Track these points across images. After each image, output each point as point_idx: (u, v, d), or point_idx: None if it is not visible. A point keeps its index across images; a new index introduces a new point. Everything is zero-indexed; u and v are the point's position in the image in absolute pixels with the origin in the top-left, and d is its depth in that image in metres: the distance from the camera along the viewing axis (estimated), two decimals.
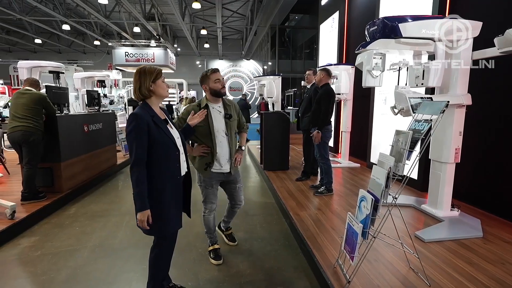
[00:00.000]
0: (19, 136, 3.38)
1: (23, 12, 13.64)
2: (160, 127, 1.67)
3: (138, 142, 1.59)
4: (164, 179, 1.69)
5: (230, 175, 2.38)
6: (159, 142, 1.65)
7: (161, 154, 1.67)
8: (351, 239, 2.03)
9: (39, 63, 5.67)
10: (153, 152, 1.64)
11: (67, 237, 2.96)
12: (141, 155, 1.60)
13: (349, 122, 5.20)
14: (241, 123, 2.51)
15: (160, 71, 1.73)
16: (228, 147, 2.31)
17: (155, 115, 1.69)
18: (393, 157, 1.90)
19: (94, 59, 21.42)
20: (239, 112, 2.46)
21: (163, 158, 1.68)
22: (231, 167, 2.36)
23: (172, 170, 1.73)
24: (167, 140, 1.70)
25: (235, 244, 2.77)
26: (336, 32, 6.27)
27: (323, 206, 3.45)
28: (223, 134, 2.29)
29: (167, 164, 1.71)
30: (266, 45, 17.02)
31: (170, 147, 1.72)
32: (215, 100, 2.29)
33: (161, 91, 1.72)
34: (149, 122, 1.62)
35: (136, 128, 1.59)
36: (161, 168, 1.68)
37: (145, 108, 1.68)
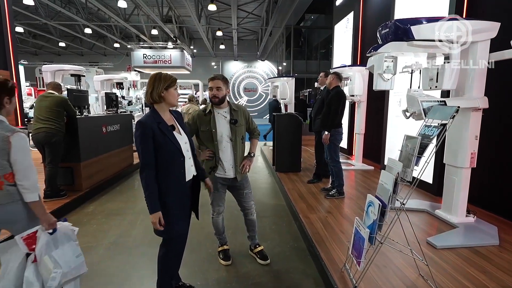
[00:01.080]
0: (42, 137, 3.57)
1: (48, 17, 14.31)
2: (165, 134, 1.72)
3: (144, 148, 1.67)
4: (168, 183, 1.75)
5: (236, 180, 2.37)
6: (164, 149, 1.71)
7: (165, 160, 1.72)
8: (358, 244, 2.03)
9: (62, 66, 5.95)
10: (157, 157, 1.70)
11: (84, 234, 3.10)
12: (148, 160, 1.67)
13: (363, 124, 5.14)
14: (252, 129, 2.46)
15: (175, 80, 1.79)
16: (232, 152, 2.30)
17: (161, 121, 1.73)
18: (401, 163, 1.87)
19: (114, 61, 22.11)
20: (248, 118, 2.41)
21: (167, 164, 1.74)
22: (237, 173, 2.34)
23: (176, 175, 1.78)
24: (172, 147, 1.74)
25: (267, 262, 2.51)
26: (351, 33, 6.20)
27: (333, 209, 3.44)
28: (227, 140, 2.28)
29: (171, 170, 1.76)
30: (281, 45, 16.99)
31: (175, 154, 1.76)
32: (217, 106, 2.28)
33: (171, 98, 1.77)
34: (154, 129, 1.68)
35: (142, 135, 1.66)
36: (165, 174, 1.73)
37: (152, 115, 1.73)
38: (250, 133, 2.50)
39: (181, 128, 1.89)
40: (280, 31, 15.36)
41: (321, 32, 15.50)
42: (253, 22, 16.53)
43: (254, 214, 2.59)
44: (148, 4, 12.30)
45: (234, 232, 3.15)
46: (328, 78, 3.95)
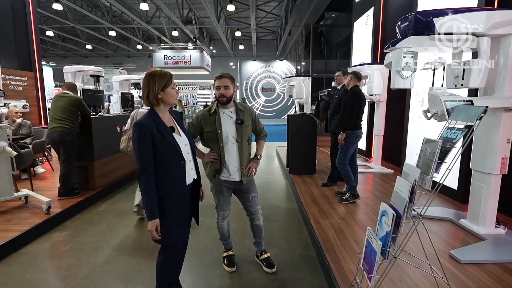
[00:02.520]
0: (57, 136, 3.64)
1: (76, 21, 14.93)
2: (164, 135, 1.63)
3: (143, 151, 1.58)
4: (167, 187, 1.65)
5: (241, 184, 2.25)
6: (162, 151, 1.61)
7: (164, 163, 1.63)
8: (370, 257, 1.86)
9: (82, 67, 6.09)
10: (156, 160, 1.61)
11: (93, 234, 3.12)
12: (147, 163, 1.58)
13: (382, 125, 4.87)
14: (258, 130, 2.36)
15: (171, 76, 1.67)
16: (238, 154, 2.19)
17: (160, 123, 1.64)
18: (419, 169, 1.68)
19: (136, 62, 22.75)
20: (254, 118, 2.30)
21: (166, 167, 1.65)
22: (242, 176, 2.23)
23: (175, 178, 1.69)
24: (171, 149, 1.65)
25: (273, 270, 2.39)
26: (370, 30, 5.92)
27: (347, 215, 3.25)
28: (233, 141, 2.17)
29: (170, 173, 1.67)
30: (300, 45, 16.72)
31: (174, 156, 1.67)
32: (222, 106, 2.18)
33: (169, 99, 1.66)
34: (152, 131, 1.59)
35: (140, 137, 1.57)
36: (164, 177, 1.64)
37: (150, 117, 1.64)
38: (256, 134, 2.39)
39: (181, 130, 1.80)
40: (299, 30, 15.12)
41: (342, 31, 15.08)
42: (272, 22, 16.40)
43: (261, 219, 2.46)
44: (169, 6, 12.50)
45: (242, 236, 3.05)
46: (347, 77, 3.77)
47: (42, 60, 11.59)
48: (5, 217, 3.20)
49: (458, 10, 2.44)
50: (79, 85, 5.45)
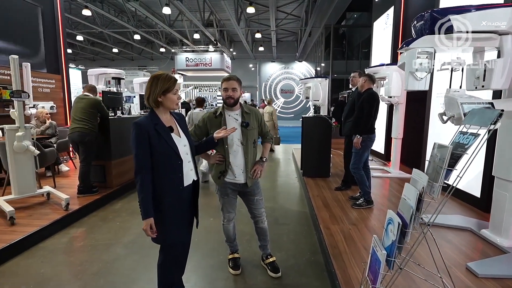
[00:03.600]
0: (76, 136, 3.81)
1: (104, 26, 15.63)
2: (161, 135, 1.64)
3: (139, 150, 1.60)
4: (163, 188, 1.66)
5: (246, 186, 2.24)
6: (158, 151, 1.62)
7: (160, 162, 1.64)
8: (375, 267, 1.78)
9: (105, 70, 6.36)
10: (152, 160, 1.62)
11: (107, 231, 3.23)
12: (143, 162, 1.60)
13: (401, 128, 4.68)
14: (264, 132, 2.35)
15: (174, 82, 1.67)
16: (243, 157, 2.18)
17: (158, 123, 1.66)
18: (427, 175, 1.59)
19: (159, 65, 23.42)
20: (260, 121, 2.30)
21: (162, 167, 1.65)
22: (247, 179, 2.22)
23: (172, 179, 1.69)
24: (168, 149, 1.65)
25: (278, 275, 2.35)
26: (390, 30, 5.71)
27: (359, 220, 3.14)
28: (238, 143, 2.17)
29: (167, 173, 1.67)
30: (320, 46, 16.49)
31: (171, 156, 1.67)
32: (228, 108, 2.19)
33: (169, 104, 1.68)
34: (149, 130, 1.61)
35: (137, 136, 1.60)
36: (159, 177, 1.64)
37: (150, 117, 1.66)
38: (262, 137, 2.38)
39: (182, 131, 1.80)
40: (319, 31, 14.91)
41: (363, 31, 14.70)
42: (292, 23, 16.31)
43: (265, 222, 2.44)
44: (191, 10, 12.77)
45: (250, 239, 3.03)
46: (360, 80, 3.66)
47: (72, 63, 12.23)
48: (27, 212, 3.39)
49: (479, 7, 2.30)
50: (99, 87, 5.70)
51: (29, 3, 5.82)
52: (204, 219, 2.70)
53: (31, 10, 5.86)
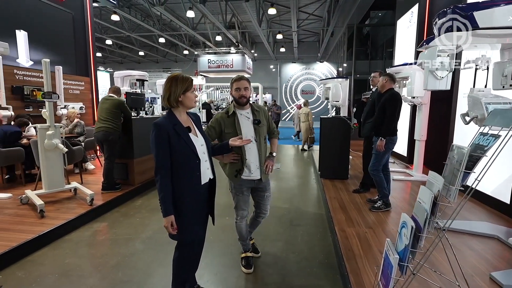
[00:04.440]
0: (101, 135, 4.00)
1: (131, 30, 16.28)
2: (180, 135, 1.69)
3: (159, 150, 1.64)
4: (182, 187, 1.70)
5: (260, 182, 2.31)
6: (178, 151, 1.67)
7: (179, 162, 1.68)
8: (387, 271, 1.73)
9: (130, 72, 6.64)
10: (172, 160, 1.67)
11: (128, 226, 3.36)
12: (163, 162, 1.65)
13: (424, 130, 4.49)
14: (271, 129, 2.43)
15: (191, 81, 1.74)
16: (257, 153, 2.25)
17: (177, 123, 1.71)
18: (442, 178, 1.53)
19: (183, 67, 24.00)
20: (268, 118, 2.38)
21: (181, 167, 1.69)
22: (262, 174, 2.28)
23: (191, 178, 1.73)
24: (187, 149, 1.70)
25: (258, 255, 2.66)
26: (415, 28, 5.50)
27: (376, 224, 3.06)
28: (252, 141, 2.22)
29: (186, 172, 1.71)
30: (343, 46, 16.16)
31: (189, 156, 1.72)
32: (240, 107, 2.25)
33: (188, 102, 1.73)
34: (169, 130, 1.65)
35: (157, 137, 1.64)
36: (179, 176, 1.69)
37: (168, 117, 1.71)
38: (270, 133, 2.45)
39: (198, 131, 1.86)
40: (342, 31, 14.63)
41: (388, 30, 14.24)
42: (314, 23, 16.13)
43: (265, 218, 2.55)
44: (213, 13, 12.99)
45: (264, 239, 3.05)
46: (380, 80, 3.55)
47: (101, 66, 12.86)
48: (56, 206, 3.60)
49: (509, 1, 2.17)
50: (124, 88, 5.95)
51: (63, 10, 6.19)
52: (219, 218, 2.75)
53: (64, 17, 6.24)
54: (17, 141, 4.41)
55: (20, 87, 5.24)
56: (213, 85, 17.26)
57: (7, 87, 4.99)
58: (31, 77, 5.49)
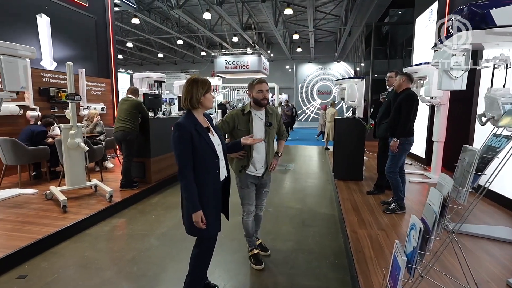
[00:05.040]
0: (120, 135, 4.16)
1: (150, 32, 16.75)
2: (201, 135, 1.75)
3: (182, 150, 1.70)
4: (203, 185, 1.76)
5: (262, 179, 2.43)
6: (199, 150, 1.73)
7: (201, 161, 1.75)
8: (395, 273, 1.72)
9: (148, 74, 6.84)
10: (193, 159, 1.73)
11: (144, 223, 3.48)
12: (187, 161, 1.70)
13: (443, 131, 4.36)
14: (281, 131, 2.54)
15: (210, 84, 1.83)
16: (265, 153, 2.37)
17: (197, 123, 1.77)
18: (452, 180, 1.50)
19: (200, 68, 24.38)
20: (279, 121, 2.50)
21: (202, 165, 1.76)
22: (265, 172, 2.40)
23: (211, 176, 1.80)
24: (208, 148, 1.77)
25: (267, 253, 2.71)
26: (434, 26, 5.34)
27: (389, 226, 3.01)
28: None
29: (206, 170, 1.78)
30: (361, 45, 15.88)
31: (210, 155, 1.78)
32: (257, 108, 2.35)
33: (208, 103, 1.81)
34: (191, 131, 1.71)
35: (180, 137, 1.70)
36: (200, 175, 1.75)
37: (189, 118, 1.78)
38: (279, 135, 2.57)
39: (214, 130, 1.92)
40: (360, 30, 14.38)
41: (408, 28, 13.86)
42: (331, 23, 15.94)
43: (263, 210, 2.65)
44: (230, 14, 13.15)
45: (275, 238, 3.08)
46: (397, 79, 3.49)
47: (122, 68, 13.32)
48: (77, 202, 3.79)
49: None
50: (143, 89, 6.14)
51: (86, 15, 6.48)
52: (231, 216, 2.80)
53: (87, 22, 6.52)
54: (43, 140, 4.66)
55: (46, 89, 5.53)
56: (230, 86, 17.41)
57: (35, 89, 5.30)
58: (57, 79, 5.78)
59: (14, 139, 4.25)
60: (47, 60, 5.58)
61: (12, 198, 3.84)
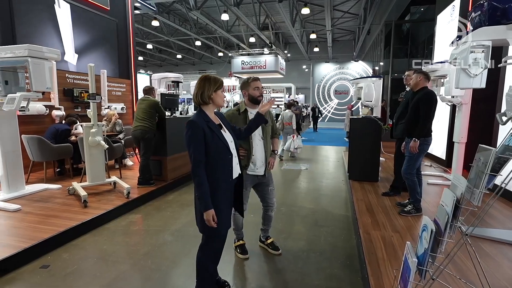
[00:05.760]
0: (138, 133, 4.30)
1: (169, 34, 17.13)
2: (214, 132, 1.75)
3: (195, 147, 1.70)
4: (216, 182, 1.76)
5: (263, 177, 2.48)
6: (213, 147, 1.73)
7: (214, 158, 1.75)
8: (405, 275, 1.68)
9: (166, 75, 7.03)
10: (207, 156, 1.72)
11: (159, 219, 3.58)
12: (200, 158, 1.70)
13: (465, 131, 4.18)
14: (274, 129, 2.60)
15: (222, 82, 1.85)
16: (263, 150, 2.43)
17: (210, 120, 1.78)
18: (465, 180, 1.46)
19: (217, 68, 24.67)
20: (272, 118, 2.58)
21: (216, 162, 1.76)
22: (265, 170, 2.45)
23: (225, 173, 1.81)
24: (221, 145, 1.77)
25: (278, 252, 2.71)
26: (456, 23, 5.14)
27: (404, 228, 2.94)
28: (259, 138, 2.41)
29: (220, 168, 1.78)
30: (380, 44, 15.50)
31: (224, 152, 1.79)
32: (252, 106, 2.40)
33: (219, 100, 1.83)
34: (204, 128, 1.71)
35: (193, 134, 1.70)
36: (214, 172, 1.75)
37: (201, 115, 1.78)
38: (272, 132, 2.60)
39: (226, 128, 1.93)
40: (379, 28, 14.05)
41: (430, 26, 13.38)
42: (349, 22, 15.69)
43: (274, 211, 2.67)
44: (247, 15, 13.23)
45: (287, 237, 3.08)
46: (414, 78, 3.38)
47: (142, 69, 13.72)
48: (97, 197, 3.95)
49: None
50: (160, 90, 6.31)
51: (108, 18, 6.73)
52: None
53: (109, 25, 6.77)
54: (66, 138, 4.90)
55: (70, 90, 5.80)
56: None
57: (60, 89, 5.56)
58: (80, 80, 6.04)
59: (40, 137, 4.49)
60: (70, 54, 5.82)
61: (38, 193, 4.06)
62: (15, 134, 3.88)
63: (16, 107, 3.49)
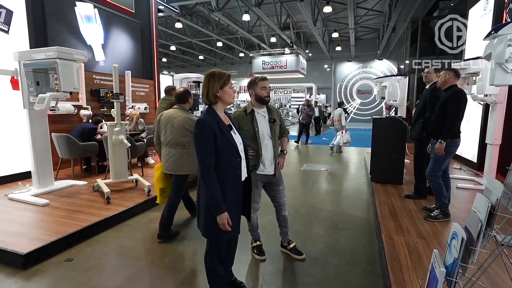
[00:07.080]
0: None
1: (192, 36, 17.46)
2: (224, 133, 1.67)
3: (205, 148, 1.62)
4: (225, 185, 1.68)
5: (274, 177, 2.45)
6: (222, 149, 1.65)
7: (223, 160, 1.67)
8: (432, 285, 1.58)
9: (187, 75, 7.15)
10: (216, 158, 1.64)
11: (177, 217, 3.57)
12: (211, 160, 1.62)
13: (499, 133, 3.91)
14: (283, 128, 2.54)
15: (229, 76, 1.74)
16: (272, 150, 2.40)
17: (220, 121, 1.69)
18: (502, 185, 1.34)
19: (238, 69, 24.81)
20: (280, 117, 2.52)
21: (225, 165, 1.68)
22: (275, 170, 2.42)
23: (233, 176, 1.73)
24: (230, 147, 1.70)
25: (302, 257, 2.61)
26: (490, 17, 4.82)
27: (429, 234, 2.78)
28: (268, 138, 2.37)
29: (229, 170, 1.70)
30: (406, 42, 14.91)
31: (233, 154, 1.71)
32: (259, 106, 2.37)
33: (227, 97, 1.72)
34: (214, 128, 1.63)
35: (203, 134, 1.62)
36: (223, 174, 1.67)
37: (210, 114, 1.69)
38: (280, 132, 2.53)
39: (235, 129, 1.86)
40: (405, 25, 13.51)
41: None
42: (373, 19, 15.24)
43: (287, 210, 2.62)
44: (268, 15, 13.20)
45: (305, 239, 3.01)
46: (442, 75, 3.17)
47: (165, 70, 14.03)
48: (120, 194, 4.06)
49: None
50: None
51: (133, 21, 6.94)
52: (261, 215, 2.81)
53: (134, 27, 6.98)
54: (92, 137, 5.09)
55: (97, 90, 6.03)
56: None
57: (87, 90, 5.80)
58: (106, 81, 6.27)
59: (68, 135, 4.69)
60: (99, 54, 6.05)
61: (65, 189, 4.24)
62: (45, 132, 4.07)
63: (46, 106, 3.66)
